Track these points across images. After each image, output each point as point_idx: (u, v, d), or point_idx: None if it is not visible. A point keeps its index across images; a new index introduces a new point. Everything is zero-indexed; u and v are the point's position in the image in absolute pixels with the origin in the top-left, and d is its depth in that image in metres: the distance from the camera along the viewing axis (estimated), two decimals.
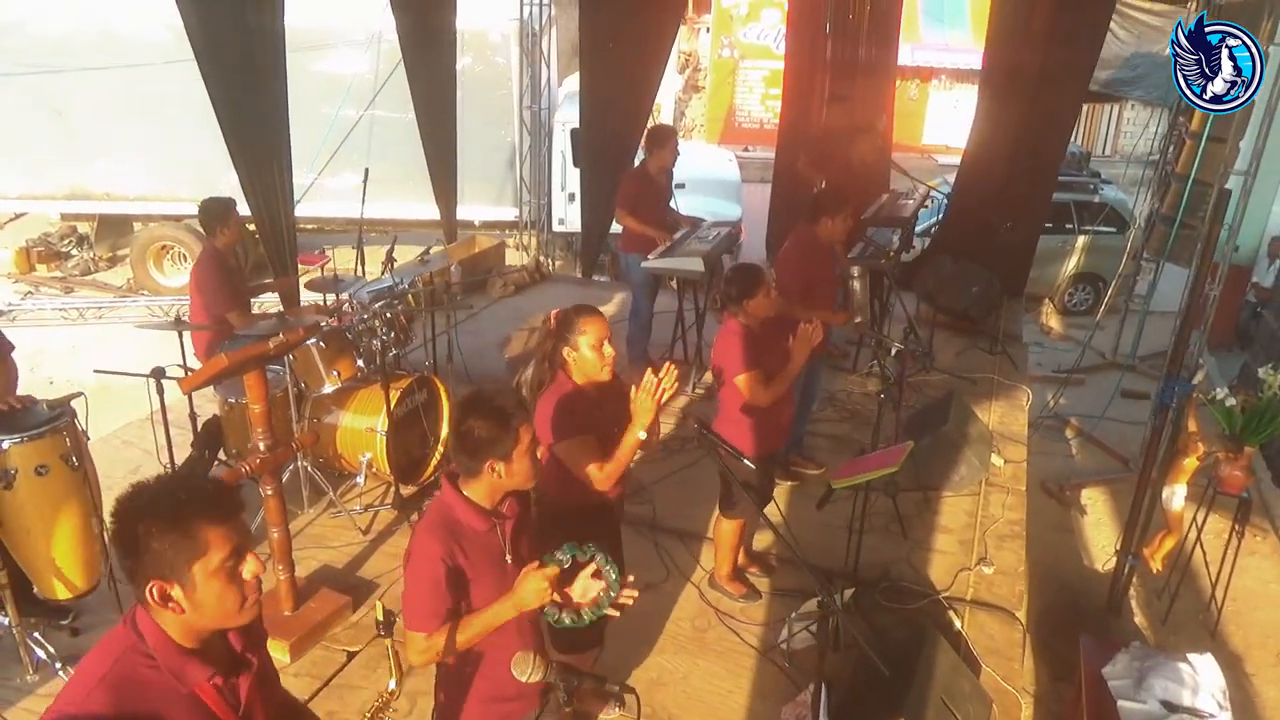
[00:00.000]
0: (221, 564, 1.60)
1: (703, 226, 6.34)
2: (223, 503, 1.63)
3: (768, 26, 16.74)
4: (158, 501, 1.58)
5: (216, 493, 1.64)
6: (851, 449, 5.61)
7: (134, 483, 1.63)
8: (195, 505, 1.59)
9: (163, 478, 1.65)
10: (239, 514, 1.66)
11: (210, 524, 1.59)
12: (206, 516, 1.59)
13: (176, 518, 1.57)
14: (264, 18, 6.04)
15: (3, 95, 9.91)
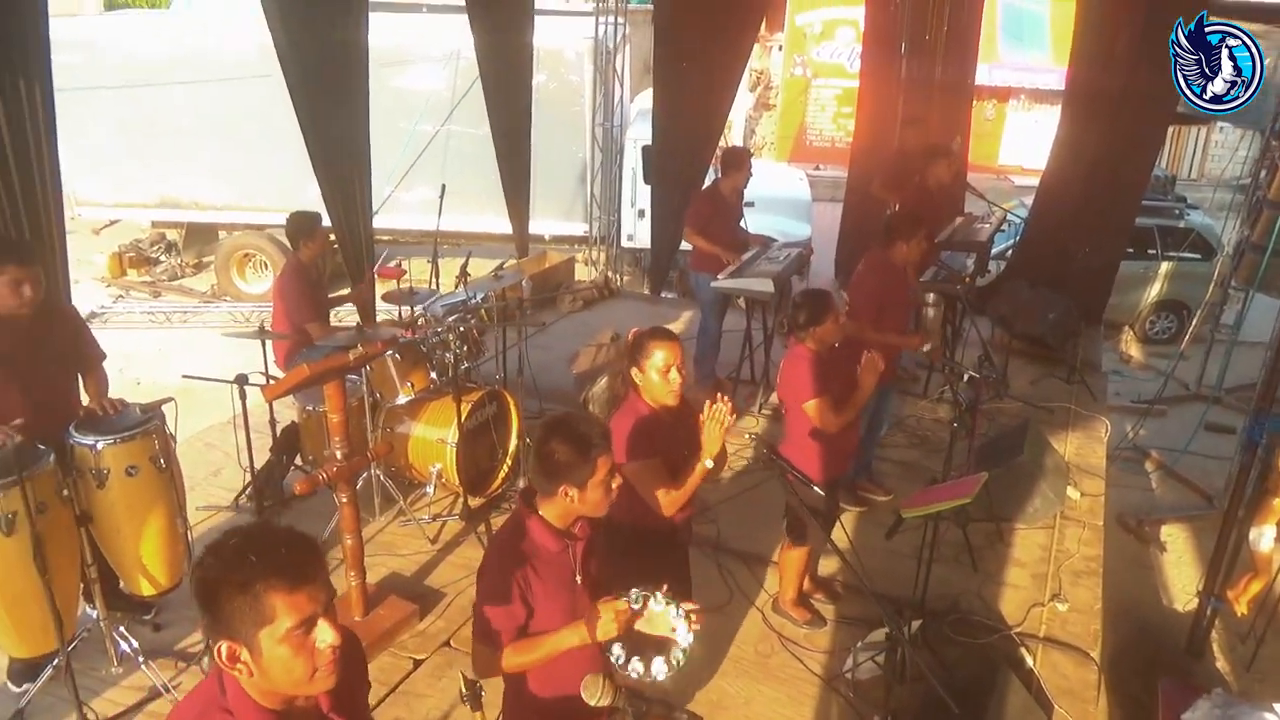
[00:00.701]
0: (289, 633, 1.52)
1: (773, 247, 6.32)
2: (297, 568, 1.54)
3: (841, 45, 16.64)
4: (230, 562, 1.52)
5: (292, 556, 1.54)
6: (921, 476, 5.52)
7: (218, 539, 1.57)
8: (265, 569, 1.51)
9: (242, 535, 1.57)
10: (315, 579, 1.57)
11: (279, 591, 1.51)
12: (276, 583, 1.51)
13: (245, 581, 1.50)
14: (349, 35, 6.24)
15: (103, 109, 10.37)
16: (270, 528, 1.62)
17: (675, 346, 3.05)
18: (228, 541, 1.56)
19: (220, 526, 4.79)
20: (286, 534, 1.59)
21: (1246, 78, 4.31)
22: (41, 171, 4.24)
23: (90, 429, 3.43)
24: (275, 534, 1.58)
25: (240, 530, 1.59)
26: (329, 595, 1.60)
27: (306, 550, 1.58)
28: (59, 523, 3.26)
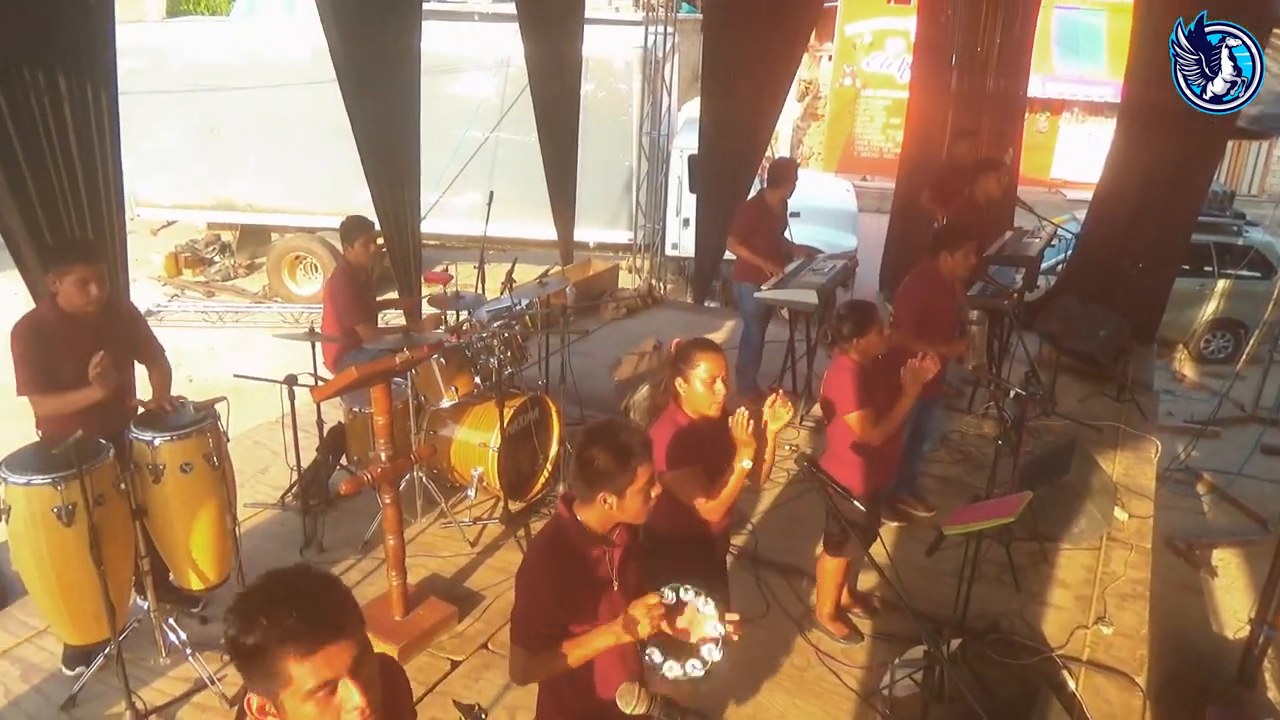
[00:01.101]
0: (309, 694, 1.43)
1: (818, 258, 6.30)
2: (314, 631, 1.43)
3: (891, 56, 16.52)
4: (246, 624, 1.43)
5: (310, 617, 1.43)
6: (963, 492, 5.46)
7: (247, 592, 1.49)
8: (278, 635, 1.41)
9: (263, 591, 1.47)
10: (336, 639, 1.44)
11: (293, 657, 1.41)
12: (290, 649, 1.41)
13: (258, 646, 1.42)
14: (402, 42, 6.36)
15: (164, 113, 10.66)
16: (296, 579, 1.50)
17: (720, 358, 3.06)
18: (250, 598, 1.47)
19: (267, 524, 4.90)
20: (310, 588, 1.48)
21: (1246, 78, 4.32)
22: (105, 174, 4.39)
23: (148, 425, 3.53)
24: (296, 588, 1.47)
25: (263, 586, 1.49)
26: (357, 652, 1.48)
27: (329, 607, 1.47)
28: (115, 515, 3.37)
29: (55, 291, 3.50)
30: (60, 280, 3.47)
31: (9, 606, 4.18)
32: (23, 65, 3.93)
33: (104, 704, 3.59)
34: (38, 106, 4.03)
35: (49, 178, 4.07)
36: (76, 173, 4.21)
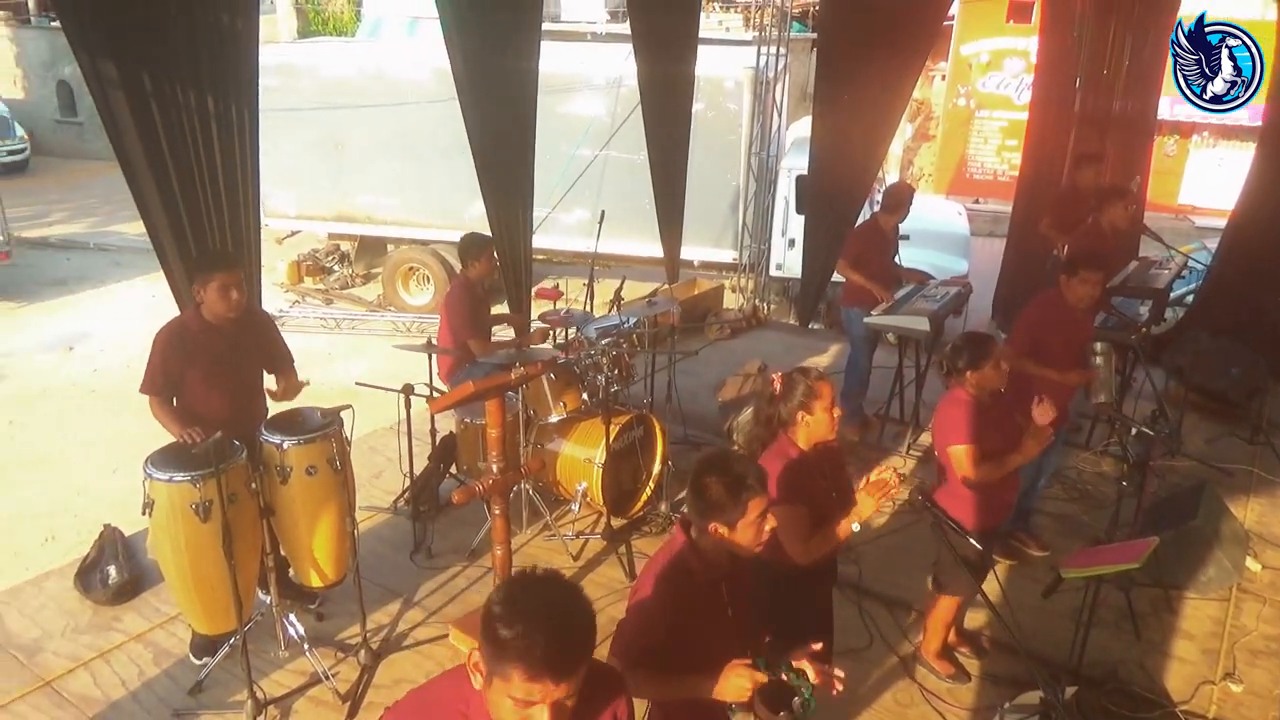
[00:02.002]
0: (513, 699, 1.57)
1: (930, 284, 6.17)
2: (548, 660, 1.54)
3: (1009, 76, 16.06)
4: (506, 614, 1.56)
5: (552, 647, 1.54)
6: (1079, 532, 5.25)
7: (526, 574, 1.64)
8: (521, 645, 1.53)
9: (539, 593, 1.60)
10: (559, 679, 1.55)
11: (519, 669, 1.54)
12: (521, 662, 1.53)
13: (502, 640, 1.54)
14: (522, 63, 6.54)
15: (293, 129, 11.23)
16: (563, 605, 1.61)
17: (833, 385, 3.09)
18: (524, 591, 1.61)
19: (379, 527, 5.08)
20: (568, 624, 1.59)
21: (1246, 78, 4.45)
22: (245, 187, 4.64)
23: (278, 429, 3.72)
24: (558, 617, 1.58)
25: (540, 588, 1.62)
26: (567, 694, 1.58)
27: (571, 650, 1.58)
28: (245, 513, 3.55)
29: (200, 300, 3.73)
30: (204, 288, 3.69)
31: (144, 593, 4.45)
32: (178, 86, 4.20)
33: (227, 691, 3.79)
34: (189, 125, 4.30)
35: (195, 191, 4.33)
36: (220, 187, 4.47)
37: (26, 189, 19.23)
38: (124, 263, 14.80)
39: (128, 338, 11.28)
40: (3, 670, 3.91)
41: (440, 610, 4.38)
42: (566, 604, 1.63)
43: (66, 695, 3.79)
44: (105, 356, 10.79)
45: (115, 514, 7.12)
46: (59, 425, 8.95)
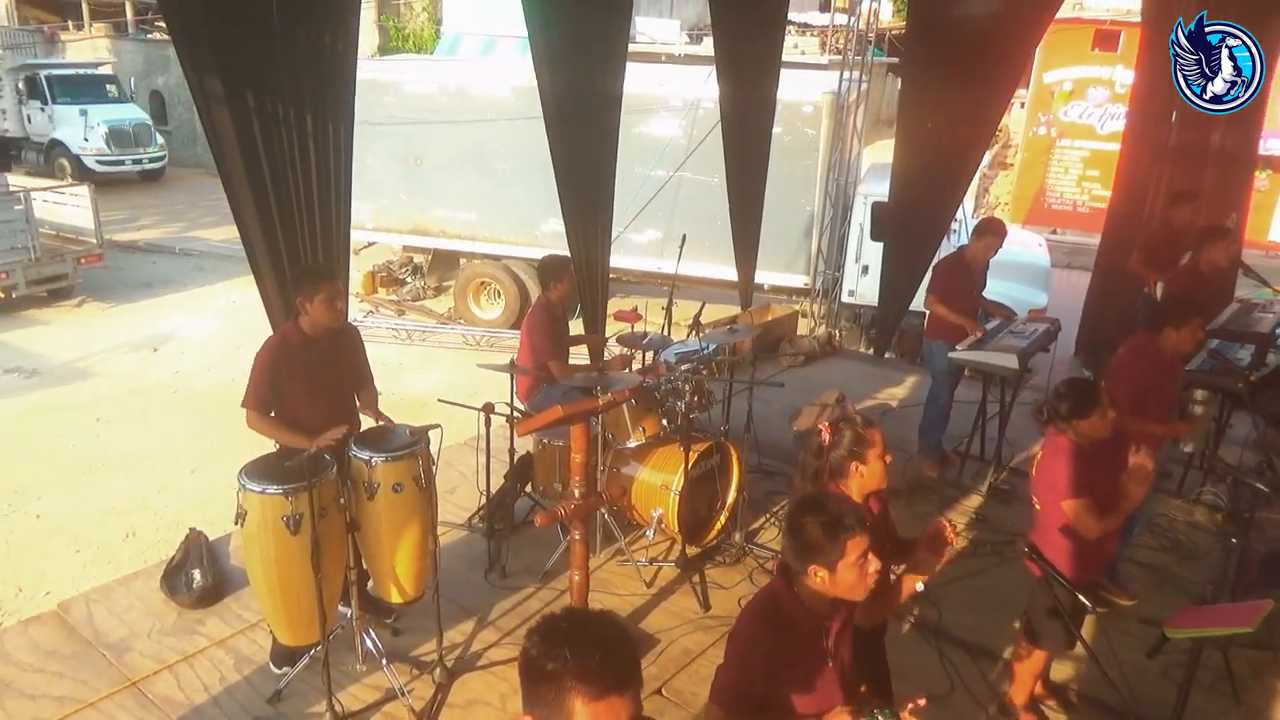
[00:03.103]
0: None
1: (1017, 320, 6.02)
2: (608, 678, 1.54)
3: (1092, 105, 15.69)
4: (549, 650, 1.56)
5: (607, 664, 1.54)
6: (1169, 584, 5.03)
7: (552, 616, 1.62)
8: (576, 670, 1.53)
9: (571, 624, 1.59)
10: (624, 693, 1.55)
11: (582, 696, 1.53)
12: (582, 687, 1.53)
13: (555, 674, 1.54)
14: (608, 85, 6.60)
15: (376, 143, 11.47)
16: (598, 625, 1.61)
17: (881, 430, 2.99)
18: (558, 625, 1.59)
19: (453, 544, 5.10)
20: (613, 637, 1.59)
21: (1246, 78, 4.33)
22: (338, 201, 4.75)
23: (367, 445, 3.75)
24: (601, 634, 1.58)
25: (570, 616, 1.62)
26: (635, 711, 1.58)
27: (625, 660, 1.58)
28: (333, 528, 3.59)
29: (304, 312, 3.79)
30: (311, 300, 3.75)
31: (226, 598, 4.53)
32: (279, 103, 4.30)
33: (305, 702, 3.82)
34: (287, 140, 4.40)
35: (290, 204, 4.43)
36: (314, 200, 4.56)
37: (119, 194, 20.01)
38: (206, 267, 15.29)
39: (208, 340, 11.63)
40: (92, 668, 4.01)
41: (514, 632, 4.37)
42: (592, 618, 1.64)
43: (151, 697, 3.86)
44: (187, 358, 11.12)
45: (193, 513, 7.35)
46: (142, 424, 9.24)
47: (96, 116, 20.55)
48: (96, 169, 20.53)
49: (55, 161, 21.29)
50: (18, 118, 21.76)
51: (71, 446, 8.69)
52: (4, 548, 6.99)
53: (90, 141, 20.56)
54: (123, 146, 20.83)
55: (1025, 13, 6.51)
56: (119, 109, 21.06)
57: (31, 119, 21.58)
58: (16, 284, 12.51)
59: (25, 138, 21.92)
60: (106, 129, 20.52)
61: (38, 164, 21.39)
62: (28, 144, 21.89)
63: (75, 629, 4.29)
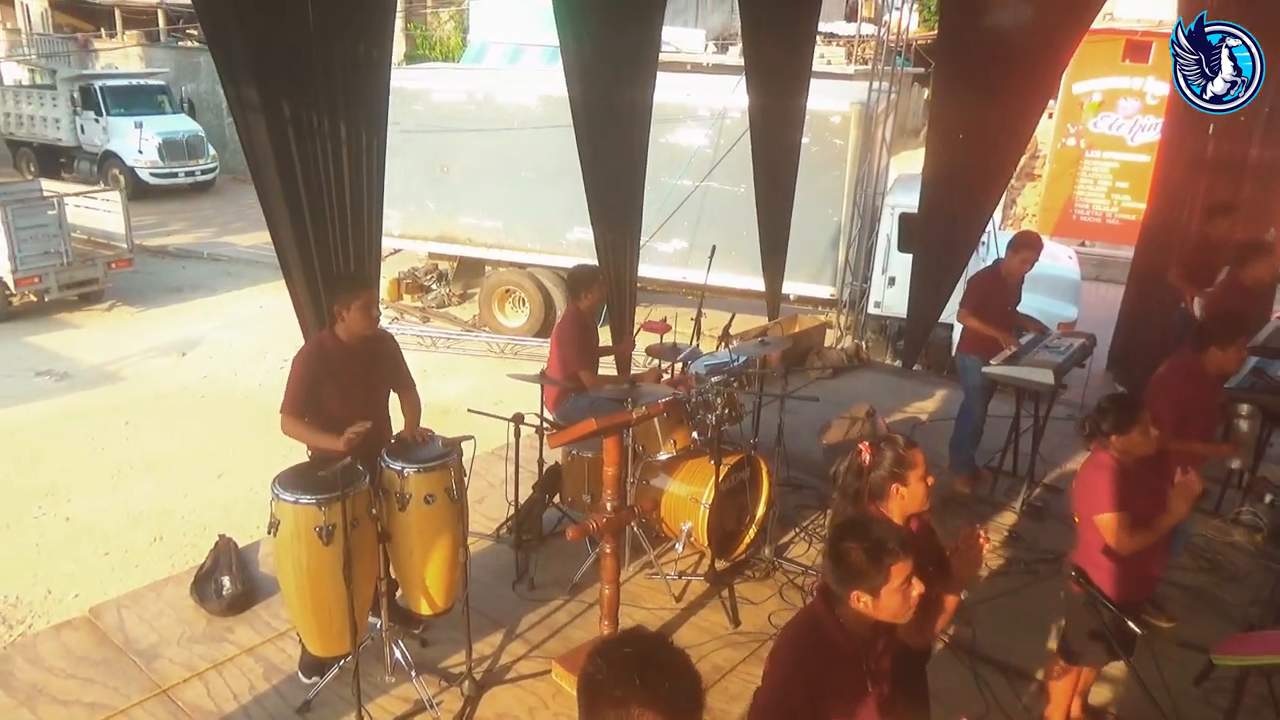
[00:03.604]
0: None
1: (1051, 335, 5.93)
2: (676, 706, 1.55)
3: (1123, 116, 15.52)
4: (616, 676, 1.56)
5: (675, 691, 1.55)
6: (1209, 606, 4.93)
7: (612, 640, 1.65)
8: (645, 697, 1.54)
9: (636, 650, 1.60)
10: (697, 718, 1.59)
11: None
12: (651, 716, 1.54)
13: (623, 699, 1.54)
14: (638, 94, 6.58)
15: (403, 151, 11.51)
16: (665, 651, 1.61)
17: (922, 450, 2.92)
18: (620, 649, 1.59)
19: (481, 555, 5.07)
20: (678, 664, 1.58)
21: (1246, 78, 4.34)
22: (370, 210, 4.75)
23: (399, 455, 3.74)
24: (667, 661, 1.58)
25: (635, 641, 1.62)
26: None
27: (691, 689, 1.58)
28: (365, 538, 3.57)
29: (341, 319, 3.79)
30: (348, 308, 3.76)
31: (255, 606, 4.53)
32: (314, 112, 4.31)
33: (334, 712, 3.81)
34: (321, 149, 4.41)
35: (323, 212, 4.43)
36: (346, 209, 4.57)
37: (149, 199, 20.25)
38: (234, 273, 15.42)
39: (235, 345, 11.71)
40: (123, 675, 4.02)
41: (542, 644, 4.34)
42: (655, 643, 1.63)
43: (181, 704, 3.86)
44: (214, 363, 11.20)
45: (219, 518, 7.38)
46: (169, 428, 9.31)
47: (151, 129, 20.62)
48: (150, 181, 20.69)
49: (109, 173, 21.31)
50: (71, 127, 21.85)
51: (101, 450, 8.77)
52: (34, 550, 7.05)
53: (144, 154, 20.66)
54: (176, 159, 20.86)
55: (1058, 23, 6.43)
56: (172, 120, 21.07)
57: (85, 129, 21.64)
58: (49, 287, 12.67)
59: (78, 147, 21.97)
60: (160, 141, 20.60)
61: (90, 174, 21.42)
62: (80, 153, 21.95)
63: (107, 635, 4.30)
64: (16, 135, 23.42)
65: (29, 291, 12.60)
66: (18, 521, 7.43)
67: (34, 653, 4.19)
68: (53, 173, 21.05)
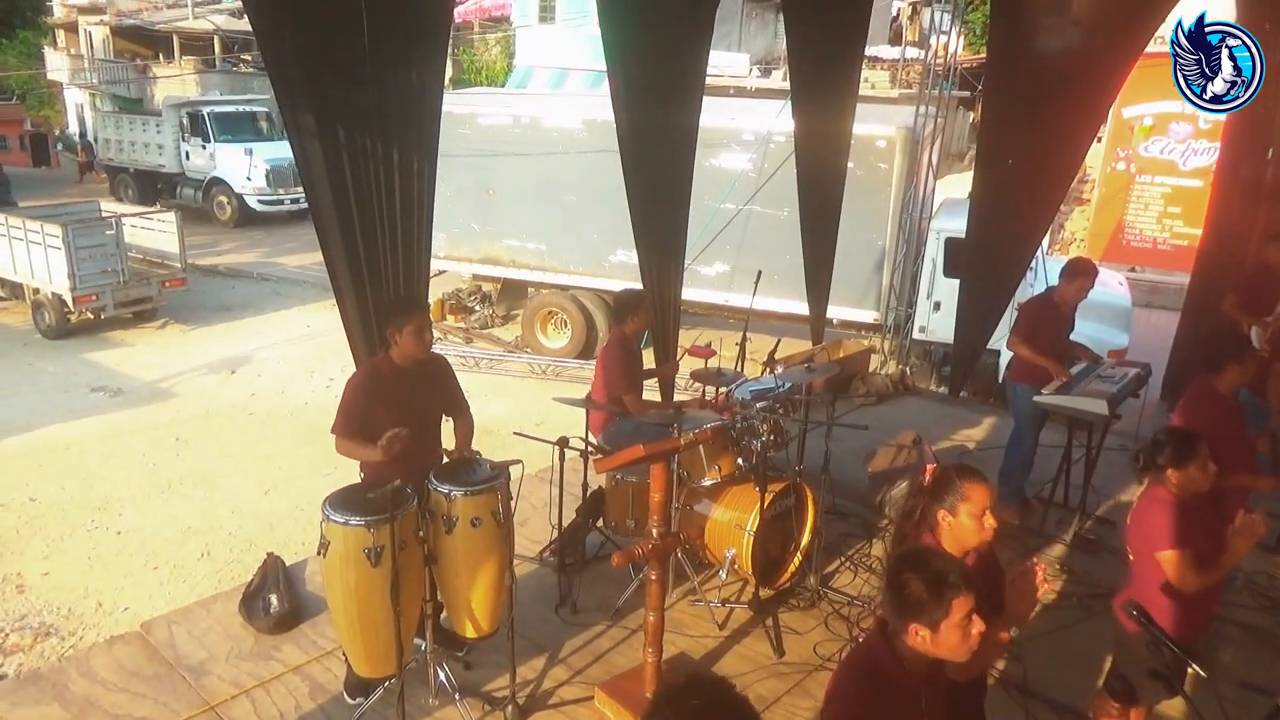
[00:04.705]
0: None
1: (1105, 364, 5.82)
2: None
3: (1174, 141, 15.26)
4: None
5: None
6: (1271, 646, 4.76)
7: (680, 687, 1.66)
8: None
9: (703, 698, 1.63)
10: None
11: None
12: None
13: None
14: (684, 120, 6.62)
15: (450, 174, 11.65)
16: (731, 702, 1.63)
17: (989, 489, 2.83)
18: (688, 700, 1.61)
19: (524, 578, 5.07)
20: (740, 712, 1.61)
21: (1246, 78, 4.35)
22: (420, 234, 4.81)
23: (447, 478, 3.76)
24: (734, 714, 1.61)
25: (702, 691, 1.63)
26: None
27: None
28: (412, 560, 3.60)
29: (394, 343, 3.84)
30: (401, 331, 3.80)
31: (302, 624, 4.57)
32: (367, 138, 4.40)
33: None
34: (374, 174, 4.49)
35: (375, 236, 4.50)
36: (397, 233, 4.64)
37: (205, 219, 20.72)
38: (283, 292, 15.72)
39: (282, 364, 11.92)
40: (173, 690, 4.08)
41: (585, 670, 4.32)
42: (729, 697, 1.63)
43: None
44: (262, 381, 11.40)
45: (265, 534, 7.49)
46: (218, 445, 9.48)
47: (259, 156, 20.98)
48: (257, 208, 21.03)
49: (215, 200, 21.52)
50: (175, 154, 22.11)
51: (153, 465, 8.95)
52: (86, 563, 7.20)
53: (253, 180, 21.00)
54: (282, 185, 21.11)
55: (1110, 48, 6.34)
56: (277, 147, 21.24)
57: (190, 155, 21.89)
58: (105, 305, 13.03)
59: (181, 174, 22.17)
60: (268, 168, 20.90)
61: (195, 201, 21.59)
62: (184, 180, 22.12)
63: (157, 650, 4.37)
64: (116, 161, 23.68)
65: (86, 309, 12.97)
66: (71, 535, 7.61)
67: (87, 666, 4.26)
68: (152, 200, 21.36)
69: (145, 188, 22.94)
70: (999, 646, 2.71)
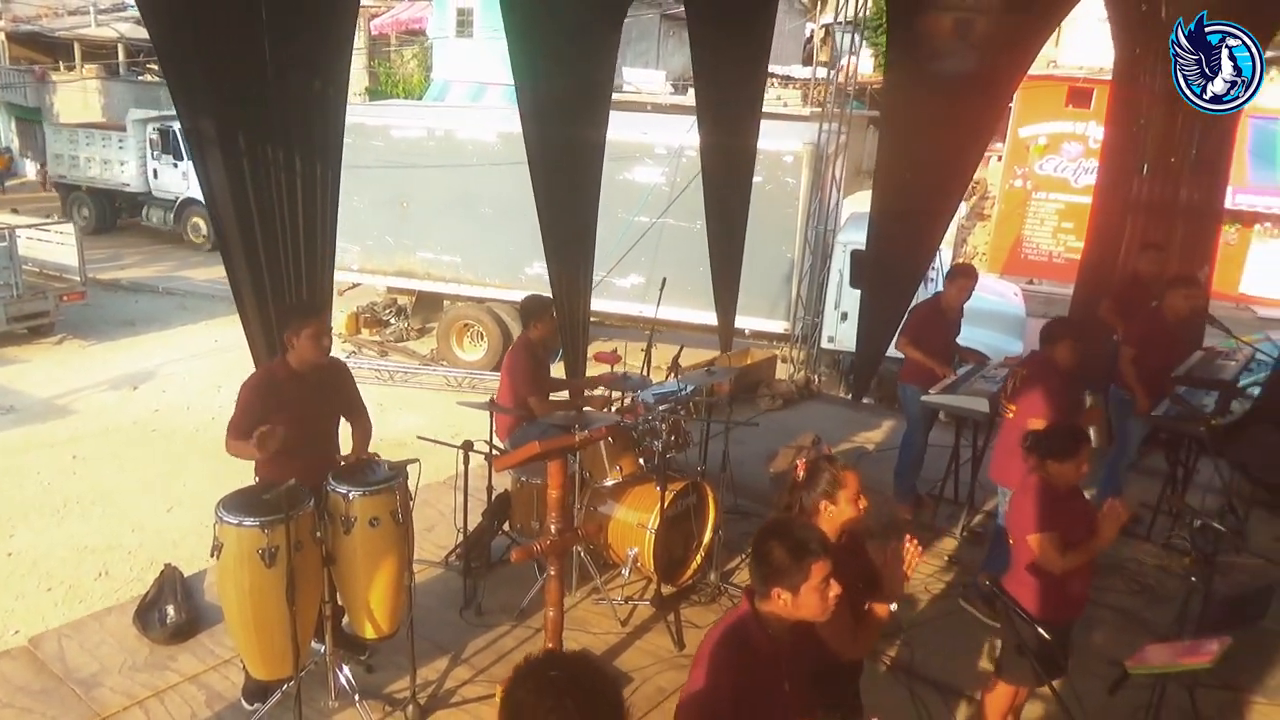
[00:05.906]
0: None
1: (989, 365, 6.14)
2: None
3: (1067, 159, 16.11)
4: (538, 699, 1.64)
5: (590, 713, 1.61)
6: (1139, 627, 5.09)
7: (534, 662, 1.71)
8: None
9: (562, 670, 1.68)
10: None
11: None
12: None
13: None
14: (591, 133, 6.75)
15: (361, 186, 11.60)
16: (590, 673, 1.67)
17: (858, 474, 3.04)
18: (548, 672, 1.65)
19: (429, 582, 5.10)
20: (604, 686, 1.65)
21: (1246, 78, 4.38)
22: (323, 243, 4.81)
23: (345, 479, 3.79)
24: (595, 683, 1.64)
25: (561, 663, 1.68)
26: None
27: (619, 707, 1.65)
28: (309, 561, 3.61)
29: (291, 348, 3.85)
30: (297, 335, 3.82)
31: (200, 634, 4.51)
32: (269, 146, 4.40)
33: None
34: (276, 183, 4.48)
35: (277, 245, 4.49)
36: (300, 242, 4.63)
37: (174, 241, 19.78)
38: (189, 306, 15.31)
39: (189, 379, 11.61)
40: (61, 704, 3.98)
41: (487, 669, 4.37)
42: (590, 668, 1.67)
43: None
44: (167, 397, 11.09)
45: (167, 552, 7.28)
46: (119, 462, 9.19)
47: None
48: None
49: (189, 221, 19.62)
50: (141, 172, 20.06)
51: (47, 484, 8.63)
52: None
53: None
54: None
55: (999, 66, 6.74)
56: None
57: (158, 174, 19.93)
58: None
59: (148, 194, 20.16)
60: None
61: (164, 223, 19.85)
62: (151, 201, 20.19)
63: (45, 664, 4.25)
64: (70, 179, 21.26)
65: None
66: None
67: None
68: (111, 222, 19.51)
69: (103, 208, 21.01)
70: (879, 621, 2.88)
